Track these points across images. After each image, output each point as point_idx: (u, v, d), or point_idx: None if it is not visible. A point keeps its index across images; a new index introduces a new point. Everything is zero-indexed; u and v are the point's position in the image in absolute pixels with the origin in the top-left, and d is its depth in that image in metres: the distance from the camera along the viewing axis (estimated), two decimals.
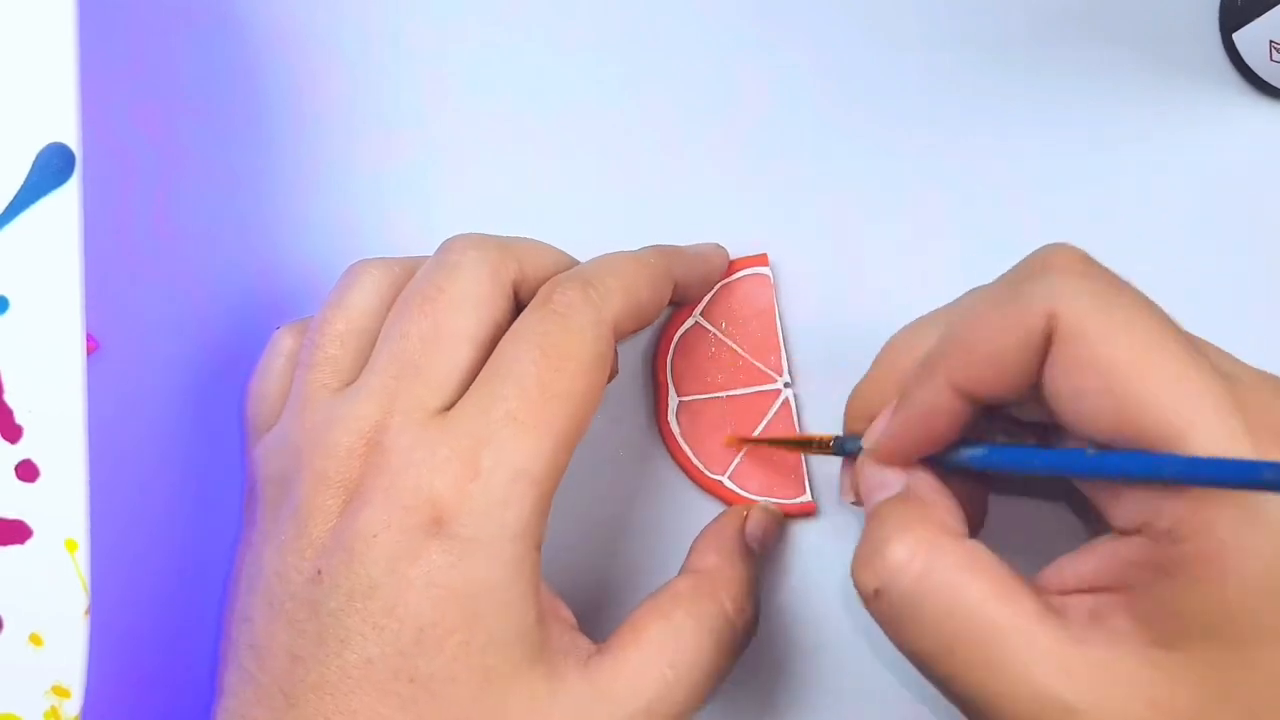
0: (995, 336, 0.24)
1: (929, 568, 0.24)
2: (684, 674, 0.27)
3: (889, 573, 0.24)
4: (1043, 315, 0.23)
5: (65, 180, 0.26)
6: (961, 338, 0.25)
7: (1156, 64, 0.33)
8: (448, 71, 0.35)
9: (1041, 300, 0.23)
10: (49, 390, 0.26)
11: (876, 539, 0.25)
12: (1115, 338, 0.23)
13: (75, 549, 0.26)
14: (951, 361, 0.25)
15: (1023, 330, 0.23)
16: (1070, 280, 0.23)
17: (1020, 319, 0.23)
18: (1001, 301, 0.24)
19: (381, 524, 0.25)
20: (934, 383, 0.25)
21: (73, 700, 0.26)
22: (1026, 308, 0.23)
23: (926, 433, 0.26)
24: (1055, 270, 0.24)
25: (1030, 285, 0.24)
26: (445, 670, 0.25)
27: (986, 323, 0.24)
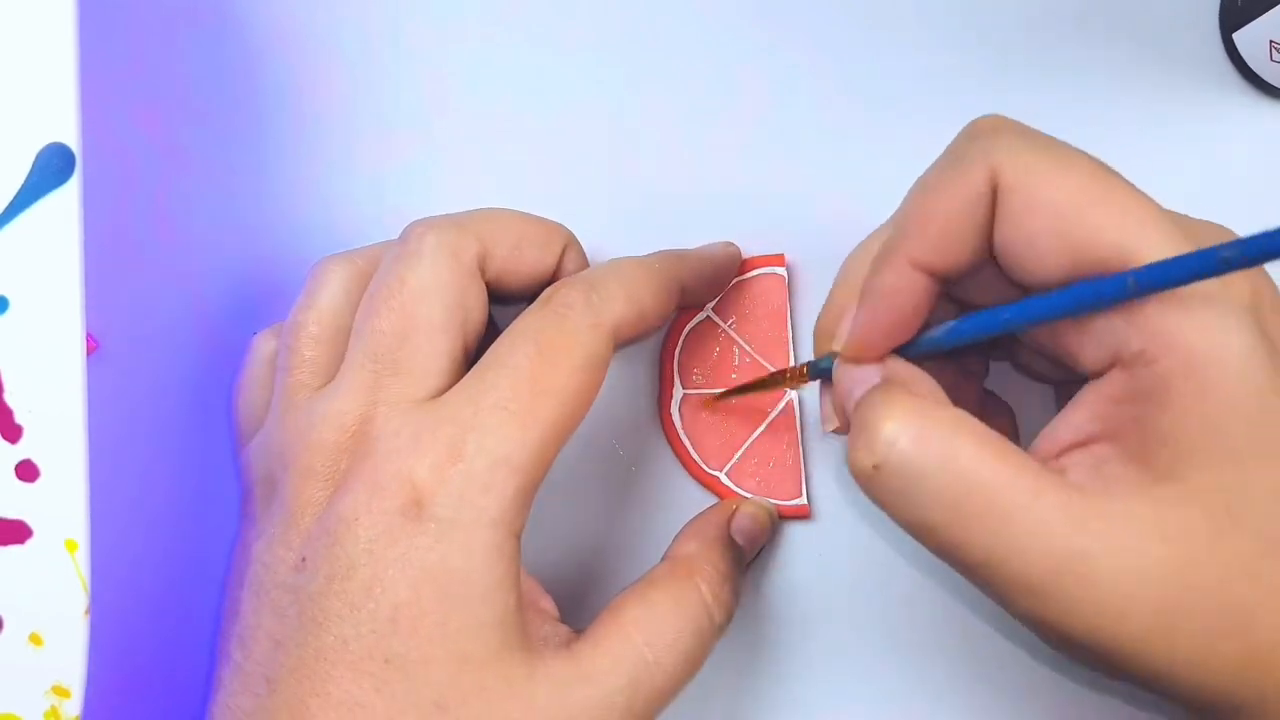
0: (943, 204, 0.24)
1: (921, 435, 0.23)
2: (662, 655, 0.27)
3: (884, 446, 0.23)
4: (985, 171, 0.24)
5: (65, 180, 0.26)
6: (913, 214, 0.25)
7: (1156, 64, 0.33)
8: (448, 71, 0.35)
9: (981, 159, 0.24)
10: (49, 390, 0.26)
11: (866, 420, 0.24)
12: (1056, 179, 0.23)
13: (75, 549, 0.26)
14: (908, 239, 0.25)
15: (968, 191, 0.24)
16: (1005, 138, 0.24)
17: (964, 181, 0.24)
18: (944, 170, 0.25)
19: (363, 508, 0.26)
20: (894, 264, 0.25)
21: (73, 700, 0.26)
22: (967, 169, 0.24)
23: (894, 318, 0.26)
24: (989, 130, 0.24)
25: (968, 148, 0.24)
26: (420, 652, 0.25)
27: (933, 193, 0.25)
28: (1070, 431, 0.24)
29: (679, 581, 0.28)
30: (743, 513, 0.31)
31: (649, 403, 0.33)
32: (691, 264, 0.31)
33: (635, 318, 0.28)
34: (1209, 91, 0.33)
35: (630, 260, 0.30)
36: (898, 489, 0.24)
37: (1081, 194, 0.23)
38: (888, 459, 0.24)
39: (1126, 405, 0.23)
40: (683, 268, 0.30)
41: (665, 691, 0.27)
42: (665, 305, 0.29)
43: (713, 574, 0.29)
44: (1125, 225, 0.23)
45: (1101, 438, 0.24)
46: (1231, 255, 0.20)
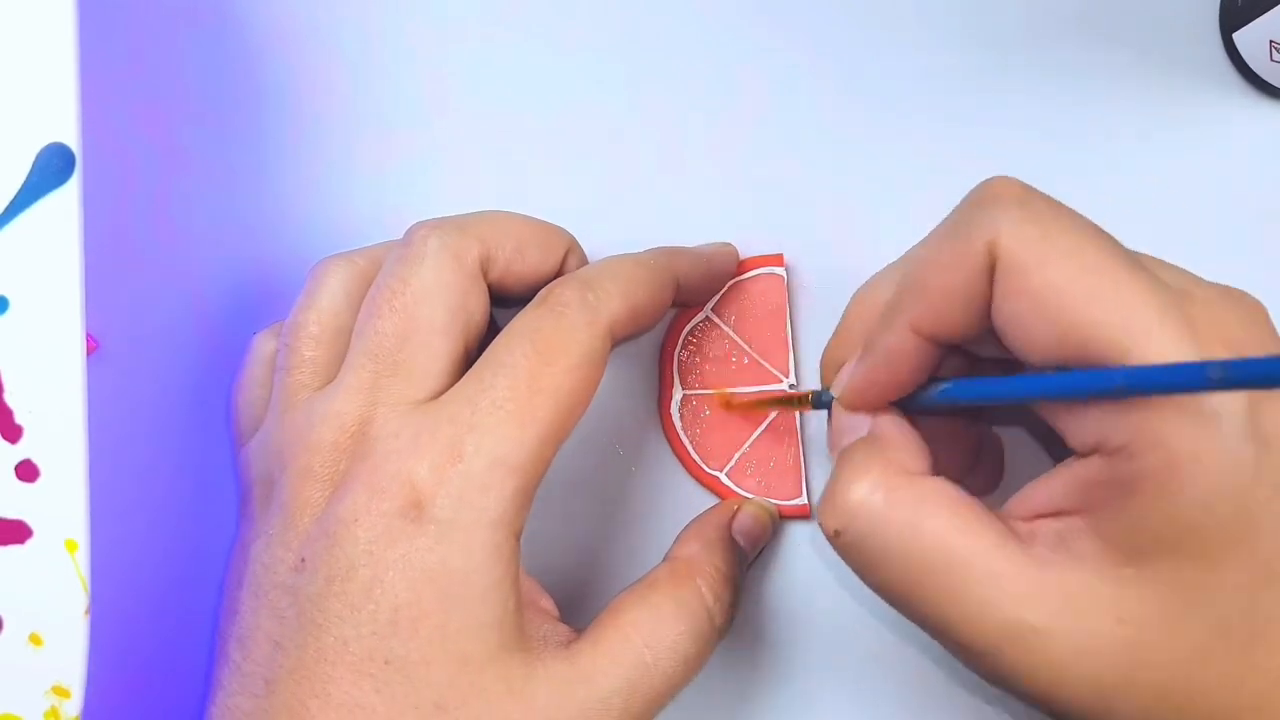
0: (944, 274, 0.24)
1: (887, 505, 0.24)
2: (662, 656, 0.27)
3: (848, 513, 0.25)
4: (983, 247, 0.23)
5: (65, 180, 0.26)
6: (914, 280, 0.25)
7: (1156, 64, 0.33)
8: (448, 71, 0.35)
9: (981, 233, 0.24)
10: (49, 390, 0.26)
11: (837, 481, 0.25)
12: (1053, 262, 0.23)
13: (75, 549, 0.26)
14: (909, 304, 0.25)
15: (967, 265, 0.24)
16: (1007, 210, 0.24)
17: (964, 254, 0.24)
18: (946, 239, 0.25)
19: (362, 509, 0.26)
20: (895, 327, 0.25)
21: (73, 700, 0.26)
22: (968, 242, 0.24)
23: (891, 376, 0.26)
24: (992, 202, 0.24)
25: (970, 218, 0.24)
26: (420, 653, 0.25)
27: (935, 262, 0.25)
28: (1045, 500, 0.24)
29: (680, 583, 0.28)
30: (744, 513, 0.31)
31: (649, 403, 0.33)
32: (687, 260, 0.31)
33: (631, 314, 0.28)
34: (1209, 91, 0.33)
35: (625, 257, 0.30)
36: (856, 555, 0.25)
37: (1076, 282, 0.23)
38: (849, 526, 0.25)
39: (1103, 489, 0.23)
40: (678, 264, 0.30)
41: (664, 693, 0.27)
42: (661, 301, 0.29)
43: (714, 575, 0.29)
44: (1120, 319, 0.22)
45: (1075, 511, 0.24)
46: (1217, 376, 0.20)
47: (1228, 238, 0.33)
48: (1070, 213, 0.24)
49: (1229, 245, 0.33)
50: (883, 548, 0.24)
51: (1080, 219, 0.24)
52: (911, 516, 0.24)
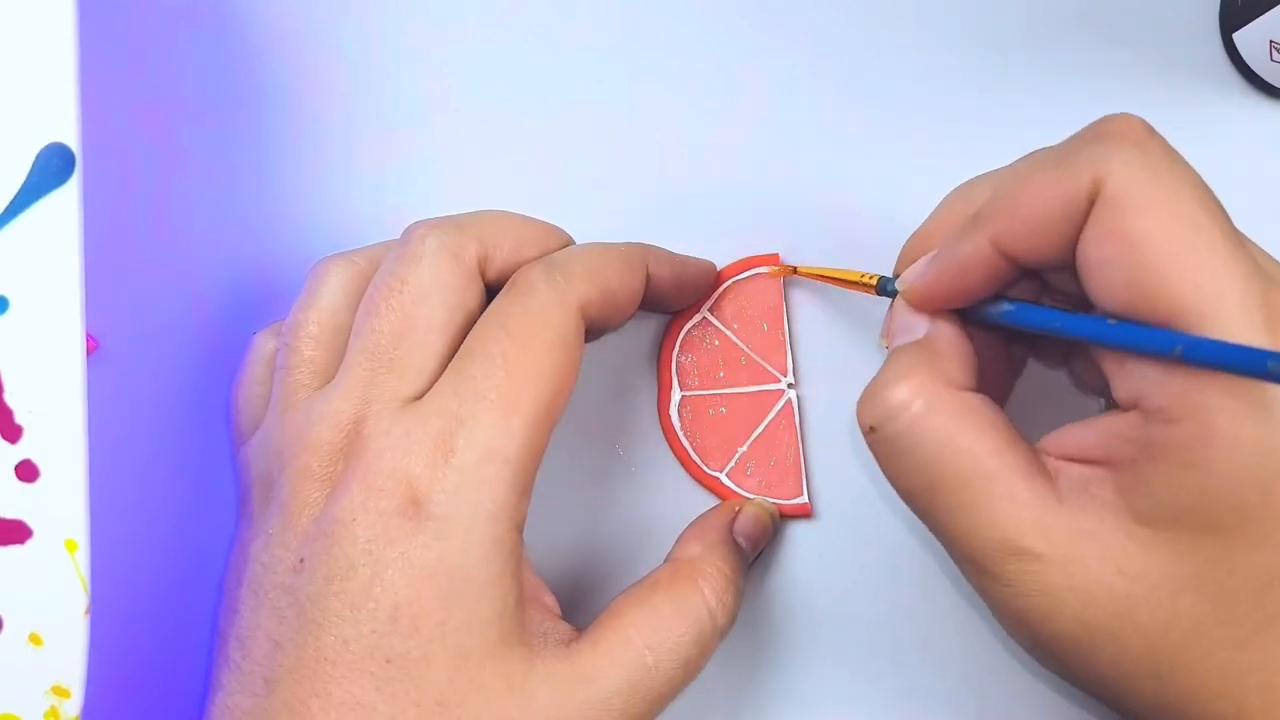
0: (1040, 197, 0.24)
1: (923, 412, 0.25)
2: (663, 658, 0.27)
3: (886, 411, 0.25)
4: (1089, 180, 0.23)
5: (65, 180, 0.26)
6: (1008, 196, 0.25)
7: (1156, 64, 0.33)
8: (448, 71, 0.35)
9: (1089, 165, 0.23)
10: (49, 390, 0.26)
11: (883, 379, 0.25)
12: (1153, 210, 0.22)
13: (75, 549, 0.26)
14: (995, 218, 0.25)
15: (1068, 193, 0.23)
16: (1122, 148, 0.23)
17: (1067, 182, 0.23)
18: (1052, 164, 0.24)
19: (359, 508, 0.26)
20: (975, 237, 0.25)
21: (73, 700, 0.26)
22: (1075, 171, 0.23)
23: (959, 284, 0.26)
24: (1110, 136, 0.23)
25: (1083, 149, 0.24)
26: (420, 650, 0.25)
27: (1034, 183, 0.24)
28: (1075, 446, 0.24)
29: (681, 584, 0.28)
30: (745, 514, 0.31)
31: (648, 404, 0.33)
32: (658, 253, 0.31)
33: (601, 294, 0.28)
34: (1209, 91, 0.33)
35: (593, 244, 0.30)
36: (887, 453, 0.25)
37: (1170, 236, 0.22)
38: (884, 425, 0.25)
39: (1135, 447, 0.23)
40: (648, 253, 0.31)
41: (664, 694, 0.27)
42: (631, 285, 0.29)
43: (715, 576, 0.29)
44: (1203, 285, 0.22)
45: (1102, 463, 0.24)
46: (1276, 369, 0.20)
47: None
48: (1186, 168, 0.23)
49: None
50: (912, 450, 0.25)
51: (1194, 177, 0.23)
52: (947, 427, 0.24)
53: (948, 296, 0.26)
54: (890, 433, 0.25)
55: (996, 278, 0.25)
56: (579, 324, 0.28)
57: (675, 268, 0.31)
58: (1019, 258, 0.25)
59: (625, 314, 0.30)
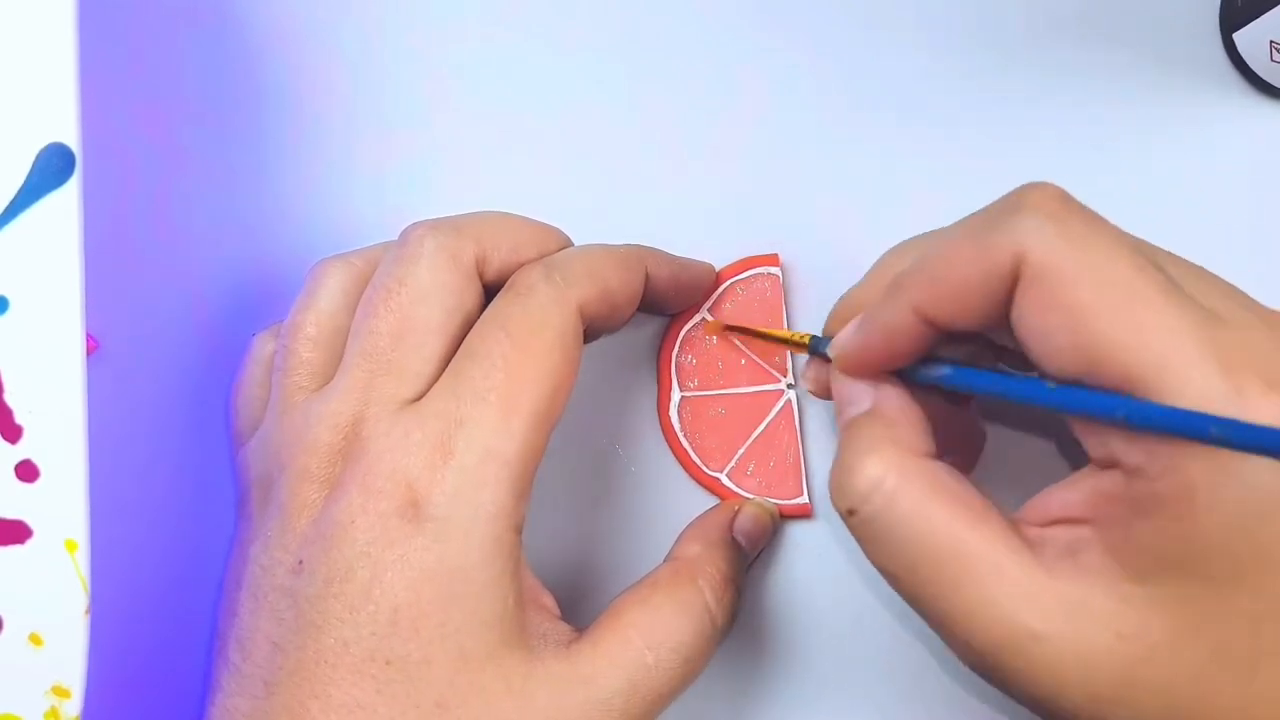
0: (961, 269, 0.24)
1: (896, 490, 0.24)
2: (663, 658, 0.27)
3: (860, 495, 0.25)
4: (1009, 253, 0.23)
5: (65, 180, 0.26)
6: (929, 265, 0.25)
7: (1156, 64, 0.33)
8: (448, 71, 0.35)
9: (1010, 238, 0.23)
10: (49, 390, 0.26)
11: (848, 459, 0.25)
12: (1082, 279, 0.22)
13: (75, 549, 0.26)
14: (916, 287, 0.25)
15: (988, 266, 0.23)
16: (1040, 220, 0.23)
17: (987, 255, 0.23)
18: (972, 235, 0.24)
19: (358, 510, 0.26)
20: (897, 304, 0.25)
21: (73, 700, 0.26)
22: (995, 244, 0.23)
23: (885, 350, 0.26)
24: (1027, 208, 0.23)
25: (1001, 221, 0.24)
26: (421, 652, 0.25)
27: (954, 254, 0.24)
28: (1060, 508, 0.24)
29: (681, 584, 0.28)
30: (744, 514, 0.31)
31: (648, 405, 0.33)
32: (658, 255, 0.31)
33: (600, 295, 0.28)
34: (1209, 92, 0.33)
35: (593, 245, 0.30)
36: (867, 536, 0.25)
37: (1104, 302, 0.22)
38: (861, 508, 0.25)
39: (1117, 504, 0.23)
40: (647, 255, 0.31)
41: (664, 695, 0.27)
42: (630, 286, 0.29)
43: (715, 576, 0.29)
44: (1146, 345, 0.22)
45: (1086, 521, 0.24)
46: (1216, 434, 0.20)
47: (1228, 237, 0.33)
48: (1107, 229, 0.23)
49: (1228, 244, 0.33)
50: (891, 531, 0.24)
51: (1117, 237, 0.23)
52: (921, 502, 0.24)
53: (877, 360, 0.26)
54: (868, 515, 0.24)
55: (921, 343, 0.25)
56: (578, 325, 0.28)
57: (674, 269, 0.31)
58: (941, 324, 0.25)
59: (624, 315, 0.30)
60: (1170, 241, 0.33)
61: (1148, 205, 0.33)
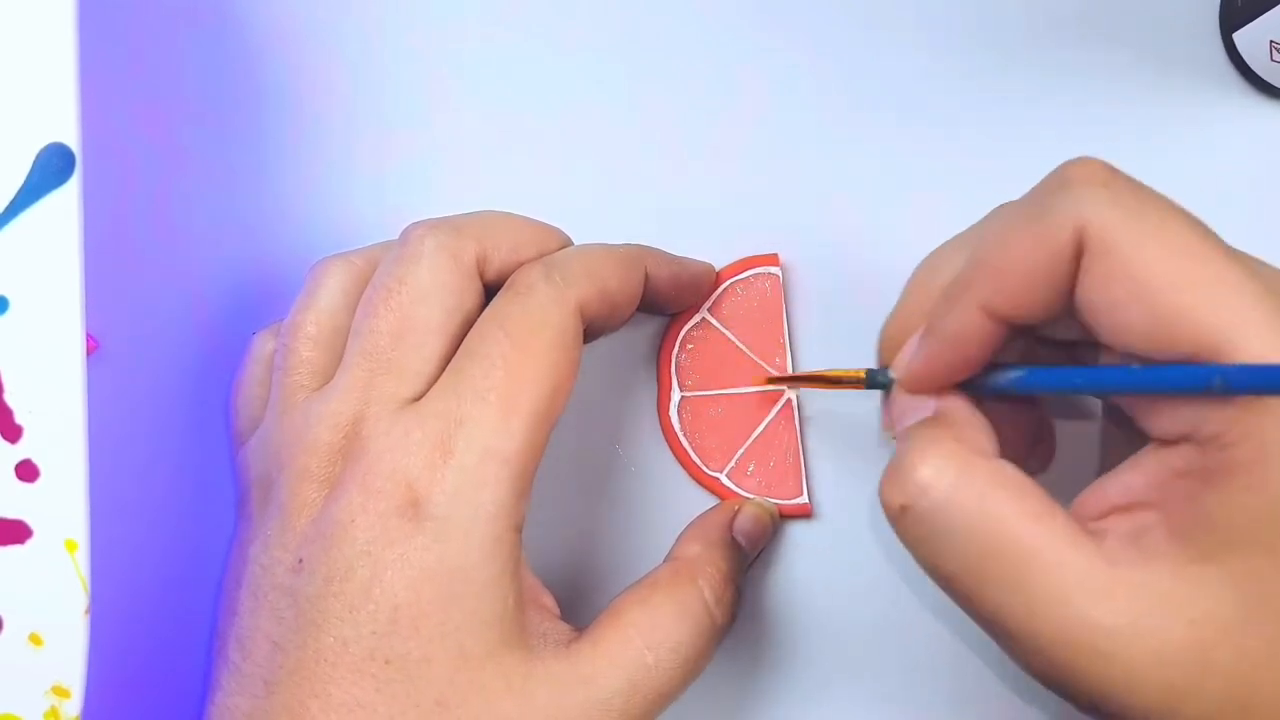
0: (1024, 255, 0.23)
1: (956, 485, 0.23)
2: (663, 658, 0.27)
3: (916, 489, 0.24)
4: (1070, 230, 0.23)
5: (65, 180, 0.26)
6: (989, 259, 0.24)
7: (1156, 64, 0.33)
8: (448, 71, 0.35)
9: (1067, 215, 0.23)
10: (49, 390, 0.26)
11: (904, 458, 0.24)
12: (1147, 247, 0.22)
13: (75, 549, 0.26)
14: (981, 284, 0.24)
15: (1051, 247, 0.23)
16: (1095, 191, 0.23)
17: (1047, 236, 0.23)
18: (1027, 219, 0.24)
19: (358, 509, 0.26)
20: (963, 307, 0.24)
21: (73, 700, 0.26)
22: (1053, 224, 0.23)
23: (956, 358, 0.25)
24: (1079, 183, 0.23)
25: (1055, 200, 0.23)
26: (420, 651, 0.25)
27: (1014, 242, 0.24)
28: (1121, 493, 0.24)
29: (681, 583, 0.28)
30: (744, 514, 0.31)
31: (648, 405, 0.33)
32: (657, 254, 0.31)
33: (600, 294, 0.28)
34: (1209, 91, 0.33)
35: (592, 244, 0.30)
36: (922, 534, 0.24)
37: (1174, 270, 0.22)
38: (917, 503, 0.24)
39: (1186, 480, 0.22)
40: (646, 255, 0.30)
41: (665, 694, 0.27)
42: (630, 285, 0.29)
43: (715, 575, 0.29)
44: (1218, 311, 0.21)
45: (1150, 506, 0.23)
46: None
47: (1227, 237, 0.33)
48: (1159, 197, 0.23)
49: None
50: (949, 528, 0.23)
51: (1171, 204, 0.23)
52: (982, 498, 0.23)
53: (948, 374, 0.26)
54: (924, 510, 0.24)
55: (992, 344, 0.25)
56: (578, 324, 0.28)
57: (674, 269, 0.31)
58: (1012, 319, 0.24)
59: (624, 315, 0.30)
60: None
61: None
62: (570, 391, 0.28)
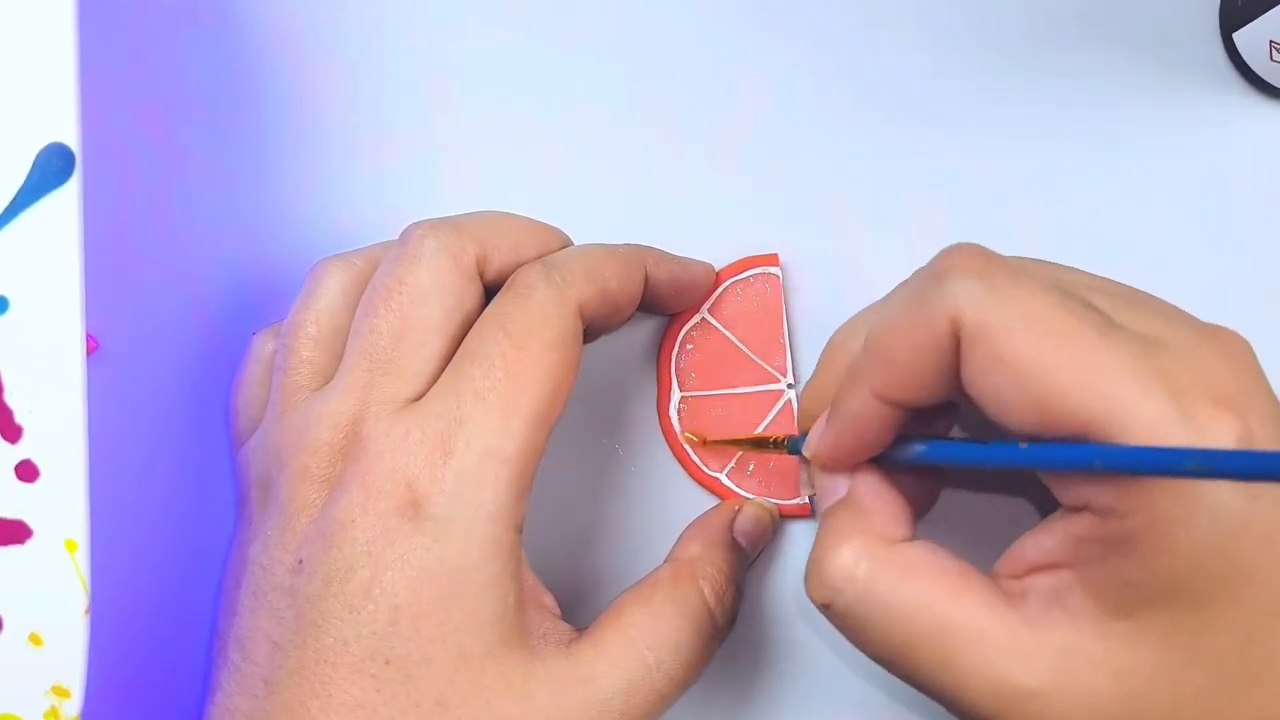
0: (906, 345, 0.24)
1: (870, 578, 0.24)
2: (664, 658, 0.27)
3: (832, 587, 0.25)
4: (946, 320, 0.23)
5: (65, 180, 0.26)
6: (877, 347, 0.25)
7: (1156, 64, 0.33)
8: (448, 71, 0.35)
9: (942, 306, 0.23)
10: (49, 390, 0.26)
11: (819, 552, 0.25)
12: (1015, 332, 0.23)
13: (75, 549, 0.26)
14: (870, 372, 0.25)
15: (930, 337, 0.24)
16: (967, 282, 0.23)
17: (926, 326, 0.24)
18: (907, 309, 0.24)
19: (359, 509, 0.26)
20: (858, 393, 0.25)
21: (73, 700, 0.26)
22: (930, 314, 0.24)
23: (858, 440, 0.26)
24: (953, 273, 0.24)
25: (931, 290, 0.24)
26: (420, 652, 0.25)
27: (897, 331, 0.24)
28: (1038, 554, 0.24)
29: (682, 584, 0.28)
30: (744, 514, 0.31)
31: (648, 405, 0.33)
32: (657, 255, 0.31)
33: (600, 295, 0.28)
34: (1209, 91, 0.33)
35: (592, 244, 0.30)
36: (846, 626, 0.25)
37: (1046, 353, 0.22)
38: (835, 600, 0.25)
39: (1093, 545, 0.23)
40: (646, 255, 0.31)
41: (665, 695, 0.27)
42: (630, 286, 0.29)
43: (716, 576, 0.29)
44: (1092, 385, 0.22)
45: (1065, 565, 0.24)
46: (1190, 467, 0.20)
47: (1227, 237, 0.33)
48: (1032, 278, 0.23)
49: (1228, 245, 0.33)
50: (869, 618, 0.24)
51: (1043, 283, 0.23)
52: (896, 586, 0.24)
53: (851, 453, 0.27)
54: (843, 606, 0.25)
55: (891, 424, 0.26)
56: (577, 324, 0.28)
57: (674, 269, 0.31)
58: (903, 403, 0.25)
59: (624, 315, 0.30)
60: (1170, 241, 0.33)
61: (1147, 205, 0.33)
62: (570, 392, 0.28)
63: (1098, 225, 0.33)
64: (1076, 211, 0.33)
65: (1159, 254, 0.33)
